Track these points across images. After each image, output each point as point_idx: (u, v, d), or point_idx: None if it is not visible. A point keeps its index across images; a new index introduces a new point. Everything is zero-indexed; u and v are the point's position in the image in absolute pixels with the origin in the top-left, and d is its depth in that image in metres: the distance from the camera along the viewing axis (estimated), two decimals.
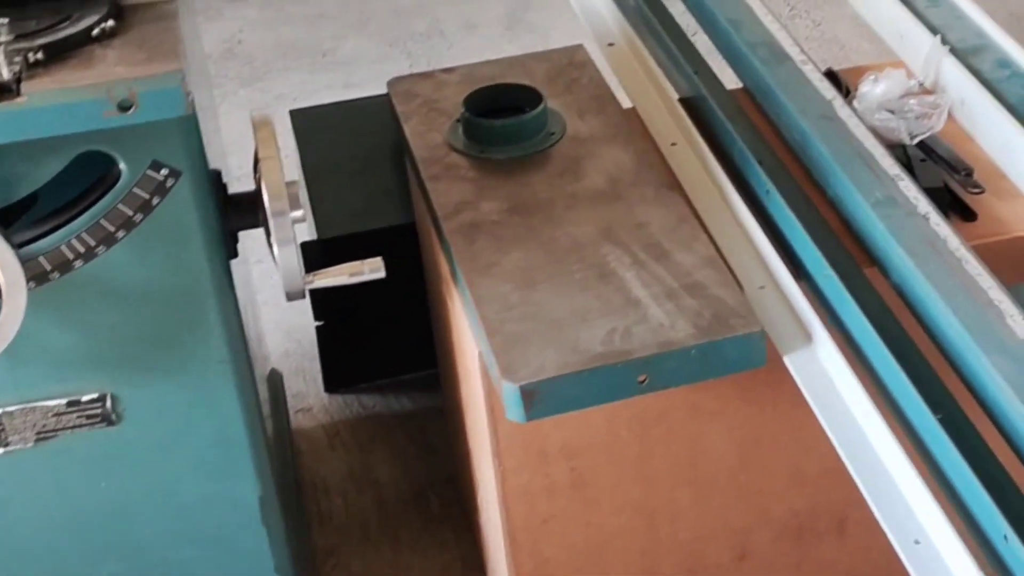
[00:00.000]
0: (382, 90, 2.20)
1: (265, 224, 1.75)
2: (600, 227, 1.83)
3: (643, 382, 1.63)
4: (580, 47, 2.23)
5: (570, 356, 1.63)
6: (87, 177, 1.68)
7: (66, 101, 1.50)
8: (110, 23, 1.56)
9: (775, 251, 1.78)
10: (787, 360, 1.67)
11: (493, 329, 1.69)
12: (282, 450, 2.28)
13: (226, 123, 3.37)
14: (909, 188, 1.80)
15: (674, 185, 1.91)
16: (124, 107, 1.50)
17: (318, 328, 2.41)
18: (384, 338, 2.45)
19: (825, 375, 1.63)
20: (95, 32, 1.56)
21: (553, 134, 2.01)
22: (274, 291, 2.44)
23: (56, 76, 1.51)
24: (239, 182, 2.02)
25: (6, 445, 1.77)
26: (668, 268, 1.75)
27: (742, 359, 1.65)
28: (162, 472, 1.84)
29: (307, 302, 2.40)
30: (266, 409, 2.32)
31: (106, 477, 1.83)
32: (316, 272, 1.79)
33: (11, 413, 1.76)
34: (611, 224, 1.83)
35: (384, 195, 2.25)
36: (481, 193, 1.92)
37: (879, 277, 1.74)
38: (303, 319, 2.58)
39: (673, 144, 2.04)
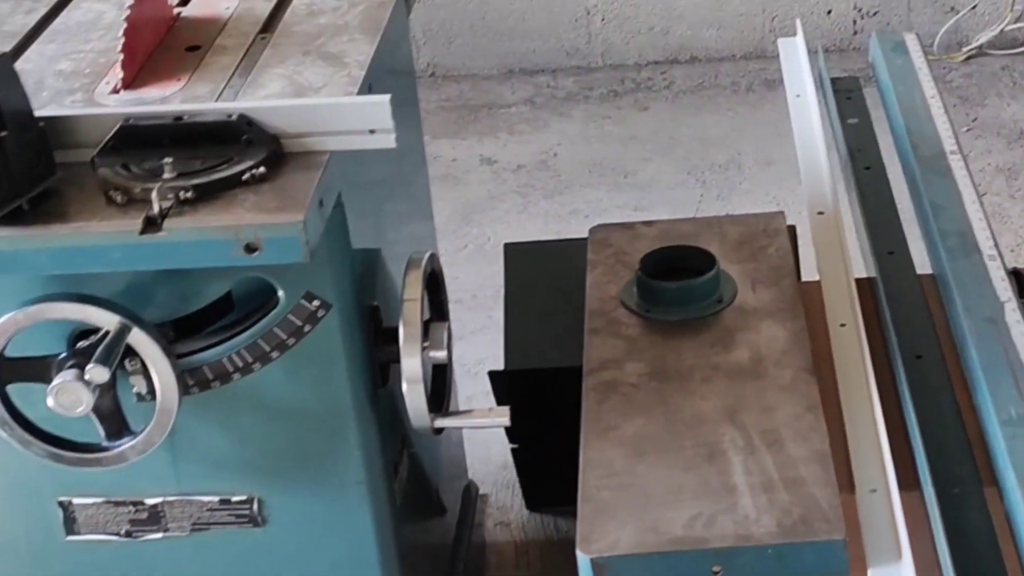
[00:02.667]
0: (670, 216, 2.19)
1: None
2: (728, 405, 1.75)
3: (717, 573, 1.55)
4: (780, 214, 2.15)
5: (648, 536, 1.57)
6: (260, 297, 1.75)
7: (199, 239, 1.55)
8: (261, 169, 1.61)
9: (890, 456, 1.66)
10: (871, 572, 1.55)
11: (588, 495, 1.64)
12: (459, 562, 2.28)
13: (520, 231, 3.45)
14: None
15: (817, 370, 1.81)
16: (250, 249, 1.55)
17: (513, 450, 2.41)
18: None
19: None
20: (245, 177, 1.60)
21: (720, 301, 1.94)
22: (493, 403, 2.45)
23: (197, 216, 1.56)
24: None
25: (166, 531, 1.85)
26: (776, 458, 1.65)
27: (821, 565, 1.53)
28: None
29: None
30: (452, 521, 2.34)
31: (250, 574, 1.87)
32: (445, 415, 1.80)
33: (171, 502, 1.83)
34: (739, 404, 1.74)
35: (576, 334, 2.23)
36: (630, 353, 1.87)
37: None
38: None
39: (842, 325, 1.94)
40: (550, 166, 3.79)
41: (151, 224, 1.54)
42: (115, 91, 1.80)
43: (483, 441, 2.59)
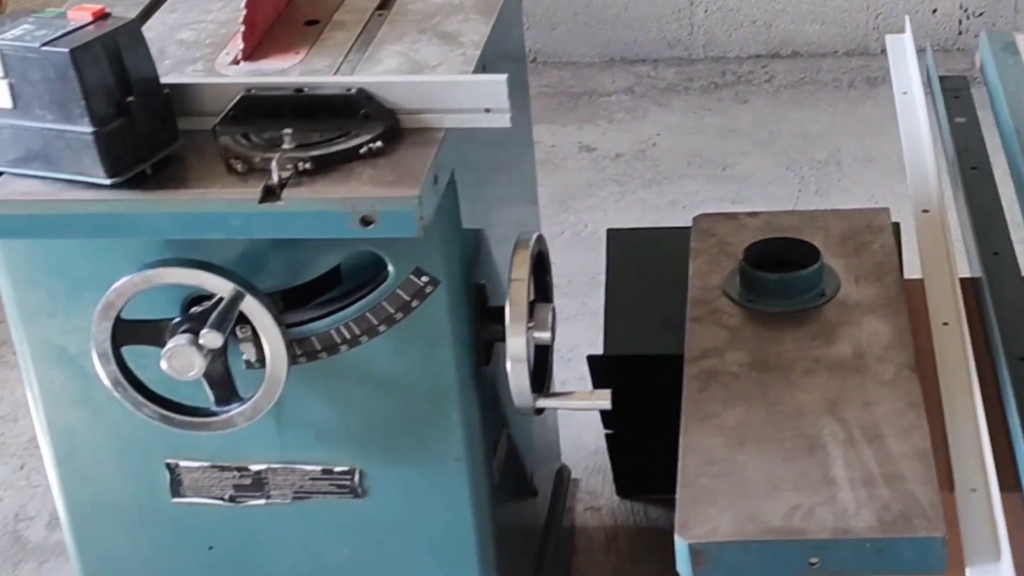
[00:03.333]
0: (770, 210, 2.17)
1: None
2: (829, 398, 1.73)
3: (814, 565, 1.54)
4: (885, 210, 2.13)
5: (746, 524, 1.56)
6: (370, 271, 1.75)
7: (316, 210, 1.56)
8: (378, 144, 1.62)
9: (992, 456, 1.64)
10: (969, 572, 1.53)
11: (687, 481, 1.64)
12: (549, 544, 2.29)
13: (616, 219, 3.45)
14: None
15: (917, 367, 1.78)
16: (366, 222, 1.56)
17: (607, 436, 2.40)
18: (675, 453, 2.41)
19: None
20: (363, 150, 1.61)
21: (823, 295, 1.93)
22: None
23: (315, 186, 1.57)
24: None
25: (268, 497, 1.87)
26: (877, 453, 1.64)
27: (919, 562, 1.52)
28: (397, 550, 1.87)
29: None
30: (544, 504, 2.35)
31: (349, 544, 1.88)
32: (547, 395, 1.80)
33: (275, 470, 1.85)
34: (840, 397, 1.73)
35: (677, 322, 2.22)
36: (732, 343, 1.86)
37: None
38: None
39: (945, 324, 1.92)
40: (649, 156, 3.77)
41: (270, 193, 1.56)
42: (235, 62, 1.82)
43: (576, 426, 2.59)
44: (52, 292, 1.76)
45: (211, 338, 1.62)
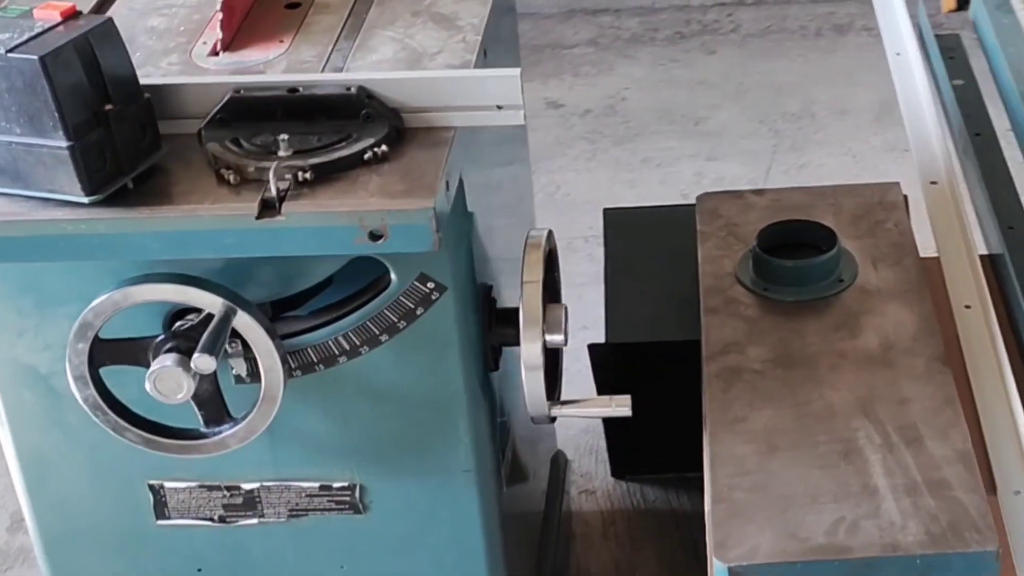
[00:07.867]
0: (743, 167, 2.06)
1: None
2: (859, 396, 1.64)
3: None
4: (895, 185, 2.03)
5: (788, 543, 1.47)
6: (364, 277, 1.64)
7: (320, 225, 1.44)
8: (383, 148, 1.49)
9: None
10: None
11: (720, 495, 1.54)
12: (550, 535, 2.19)
13: (589, 179, 3.34)
14: None
15: (948, 359, 1.69)
16: (375, 237, 1.43)
17: (606, 419, 2.31)
18: (673, 434, 2.32)
19: None
20: (367, 156, 1.49)
21: (842, 281, 1.83)
22: (579, 368, 2.35)
23: (317, 199, 1.45)
24: (586, 243, 1.90)
25: (261, 516, 1.75)
26: (917, 458, 1.55)
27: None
28: (400, 566, 1.77)
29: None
30: (542, 490, 2.25)
31: (348, 561, 1.77)
32: (563, 403, 1.69)
33: (268, 488, 1.73)
34: (872, 395, 1.64)
35: (680, 307, 2.11)
36: (751, 336, 1.76)
37: None
38: None
39: (967, 307, 1.83)
40: (619, 111, 3.65)
41: (268, 207, 1.43)
42: (214, 52, 1.67)
43: None
44: (22, 309, 1.63)
45: (204, 362, 1.49)
